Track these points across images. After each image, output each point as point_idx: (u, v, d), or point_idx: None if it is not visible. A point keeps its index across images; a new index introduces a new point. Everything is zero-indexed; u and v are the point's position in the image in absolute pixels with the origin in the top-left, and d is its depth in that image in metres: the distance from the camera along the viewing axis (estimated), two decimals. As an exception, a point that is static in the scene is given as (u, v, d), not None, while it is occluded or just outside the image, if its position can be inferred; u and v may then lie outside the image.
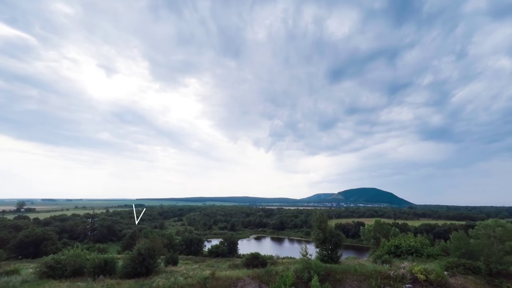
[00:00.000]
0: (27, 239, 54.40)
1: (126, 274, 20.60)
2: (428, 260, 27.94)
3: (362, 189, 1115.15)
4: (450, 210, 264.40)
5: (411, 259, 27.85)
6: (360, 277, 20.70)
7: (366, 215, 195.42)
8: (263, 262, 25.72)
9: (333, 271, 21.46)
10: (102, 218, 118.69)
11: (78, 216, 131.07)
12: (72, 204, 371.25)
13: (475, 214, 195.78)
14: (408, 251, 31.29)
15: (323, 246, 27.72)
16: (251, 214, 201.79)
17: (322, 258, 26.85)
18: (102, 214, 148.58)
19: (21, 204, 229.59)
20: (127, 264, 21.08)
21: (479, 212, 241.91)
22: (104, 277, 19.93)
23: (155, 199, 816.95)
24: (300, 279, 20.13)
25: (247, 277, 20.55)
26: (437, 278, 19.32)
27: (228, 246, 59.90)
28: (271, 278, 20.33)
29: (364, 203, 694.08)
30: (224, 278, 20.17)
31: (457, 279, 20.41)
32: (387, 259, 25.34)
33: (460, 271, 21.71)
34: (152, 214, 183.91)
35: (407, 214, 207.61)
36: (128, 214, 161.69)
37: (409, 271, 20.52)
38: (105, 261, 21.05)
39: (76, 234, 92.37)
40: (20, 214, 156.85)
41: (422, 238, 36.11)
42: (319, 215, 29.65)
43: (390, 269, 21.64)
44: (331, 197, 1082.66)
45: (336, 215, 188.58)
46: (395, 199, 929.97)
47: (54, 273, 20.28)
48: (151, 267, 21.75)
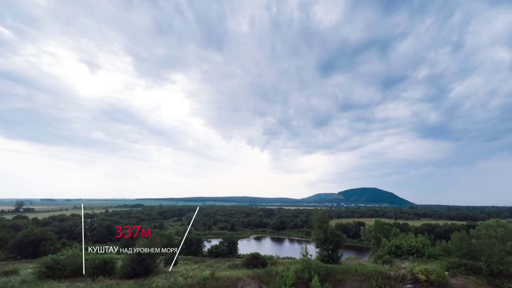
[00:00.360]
0: (26, 239, 54.41)
1: (126, 275, 20.63)
2: (429, 260, 27.97)
3: (363, 189, 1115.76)
4: (451, 210, 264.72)
5: (412, 259, 27.87)
6: (360, 277, 20.73)
7: (367, 215, 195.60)
8: (263, 262, 25.76)
9: (334, 272, 21.49)
10: (101, 218, 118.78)
11: (77, 216, 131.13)
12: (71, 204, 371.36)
13: (476, 214, 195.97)
14: (409, 251, 31.33)
15: (324, 246, 27.77)
16: (251, 214, 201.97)
17: (323, 258, 26.90)
18: (101, 214, 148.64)
19: (20, 204, 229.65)
20: (127, 265, 21.11)
21: (480, 212, 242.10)
22: (103, 277, 19.96)
23: (154, 199, 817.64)
24: (300, 280, 20.16)
25: (247, 278, 20.58)
26: (438, 279, 19.36)
27: (228, 246, 59.94)
28: (271, 278, 20.35)
29: (365, 203, 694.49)
30: (224, 279, 20.20)
31: (458, 279, 20.44)
32: (387, 260, 25.38)
33: (461, 271, 21.74)
34: (152, 214, 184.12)
35: (408, 214, 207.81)
36: (127, 214, 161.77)
37: (410, 272, 20.55)
38: (104, 261, 21.09)
39: (75, 234, 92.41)
40: (19, 214, 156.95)
41: (423, 238, 36.17)
42: (321, 215, 29.70)
43: (391, 269, 21.67)
44: (332, 197, 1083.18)
45: (337, 215, 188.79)
46: (396, 199, 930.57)
47: (53, 274, 20.32)
48: (151, 267, 21.79)
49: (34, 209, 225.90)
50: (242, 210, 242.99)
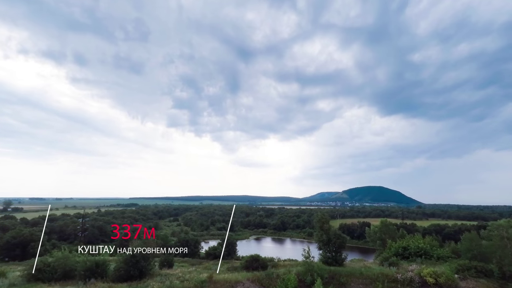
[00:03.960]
0: (14, 240, 54.71)
1: (119, 277, 20.72)
2: (438, 262, 28.09)
3: (368, 188, 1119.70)
4: (461, 210, 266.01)
5: (419, 261, 27.97)
6: (366, 280, 20.84)
7: (372, 215, 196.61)
8: (264, 265, 25.86)
9: (338, 274, 21.60)
10: (94, 218, 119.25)
11: (68, 216, 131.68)
12: (61, 203, 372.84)
13: (487, 214, 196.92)
14: (417, 253, 31.43)
15: (327, 247, 27.89)
16: (250, 214, 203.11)
17: (326, 260, 27.03)
18: (93, 214, 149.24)
19: (8, 204, 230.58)
20: (120, 267, 21.19)
21: (491, 211, 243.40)
22: (96, 280, 20.05)
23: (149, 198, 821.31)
24: (303, 283, 20.26)
25: (246, 280, 20.66)
26: (447, 282, 19.44)
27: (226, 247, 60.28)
28: (272, 281, 20.45)
29: (370, 202, 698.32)
30: (222, 282, 20.29)
31: (469, 282, 20.54)
32: (394, 262, 25.47)
33: (472, 274, 21.82)
34: (146, 214, 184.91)
35: (415, 214, 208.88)
36: (121, 214, 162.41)
37: (418, 274, 20.64)
38: (97, 263, 21.16)
39: (66, 235, 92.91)
40: (6, 213, 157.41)
41: (430, 239, 36.25)
42: (321, 216, 29.80)
43: (398, 272, 21.76)
44: (335, 196, 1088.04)
45: (341, 215, 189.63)
46: (403, 198, 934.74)
47: (42, 276, 20.42)
48: (145, 270, 21.88)
49: (22, 208, 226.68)
50: (242, 209, 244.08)
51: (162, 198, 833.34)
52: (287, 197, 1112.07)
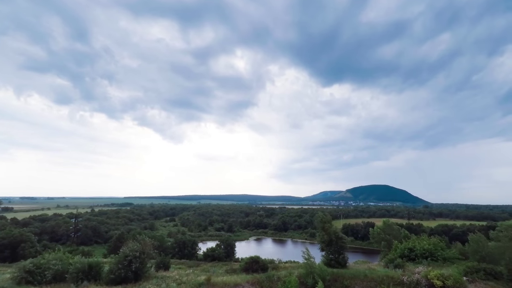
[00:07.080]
0: (4, 241, 54.89)
1: (113, 280, 20.76)
2: (445, 264, 28.21)
3: (373, 186, 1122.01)
4: (470, 210, 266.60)
5: (426, 263, 28.07)
6: (370, 283, 20.91)
7: (377, 215, 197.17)
8: (264, 267, 25.94)
9: (341, 276, 21.67)
10: (87, 218, 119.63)
11: (60, 216, 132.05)
12: (53, 203, 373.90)
13: (497, 214, 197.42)
14: (423, 254, 31.53)
15: (329, 249, 27.98)
16: (250, 214, 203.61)
17: (328, 262, 27.14)
18: (87, 214, 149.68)
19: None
20: (114, 269, 21.22)
21: (501, 211, 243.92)
22: (89, 282, 20.10)
23: (144, 197, 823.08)
24: (304, 285, 20.34)
25: (246, 283, 20.73)
26: (455, 284, 19.47)
27: (225, 249, 60.59)
28: (272, 284, 20.52)
29: (375, 202, 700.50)
30: (221, 284, 20.35)
31: (477, 285, 20.63)
32: (400, 263, 25.55)
33: (480, 276, 21.92)
34: (142, 214, 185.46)
35: (422, 213, 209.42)
36: (115, 214, 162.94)
37: (424, 277, 20.68)
38: (90, 265, 21.19)
39: (58, 236, 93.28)
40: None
41: (435, 240, 36.23)
42: (322, 216, 29.87)
43: (403, 274, 21.82)
44: (339, 195, 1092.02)
45: (344, 214, 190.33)
46: (410, 198, 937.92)
47: (33, 279, 20.43)
48: (140, 272, 21.93)
49: (13, 208, 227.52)
50: (241, 209, 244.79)
51: (159, 197, 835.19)
52: (289, 196, 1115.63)
